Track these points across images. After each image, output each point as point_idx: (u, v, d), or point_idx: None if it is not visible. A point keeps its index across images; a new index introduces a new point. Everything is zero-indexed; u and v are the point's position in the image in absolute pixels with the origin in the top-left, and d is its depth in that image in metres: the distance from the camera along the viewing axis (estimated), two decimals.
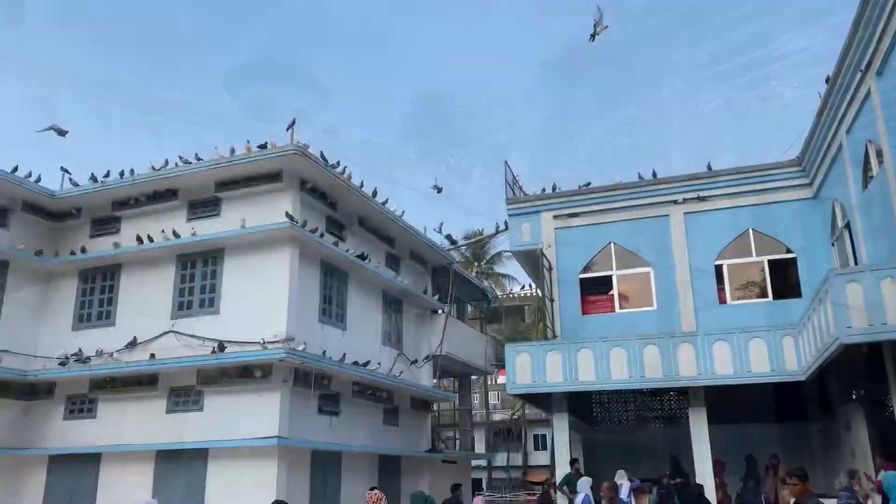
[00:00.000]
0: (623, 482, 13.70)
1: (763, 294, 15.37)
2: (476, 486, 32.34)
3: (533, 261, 17.65)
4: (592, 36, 14.16)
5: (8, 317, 15.58)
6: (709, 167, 16.22)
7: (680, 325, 15.32)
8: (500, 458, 39.85)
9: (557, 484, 14.72)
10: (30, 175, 16.10)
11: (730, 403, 14.99)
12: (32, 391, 15.57)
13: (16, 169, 15.77)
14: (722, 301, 15.46)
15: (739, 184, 15.80)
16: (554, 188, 17.67)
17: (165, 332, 14.84)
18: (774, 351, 13.06)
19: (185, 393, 14.35)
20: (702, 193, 16.01)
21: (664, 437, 17.38)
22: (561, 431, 15.07)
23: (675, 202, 16.23)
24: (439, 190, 20.65)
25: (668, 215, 16.23)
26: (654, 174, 16.60)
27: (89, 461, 14.66)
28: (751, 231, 15.53)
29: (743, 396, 14.77)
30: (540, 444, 41.47)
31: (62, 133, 15.80)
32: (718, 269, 15.64)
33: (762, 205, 15.60)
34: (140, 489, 13.82)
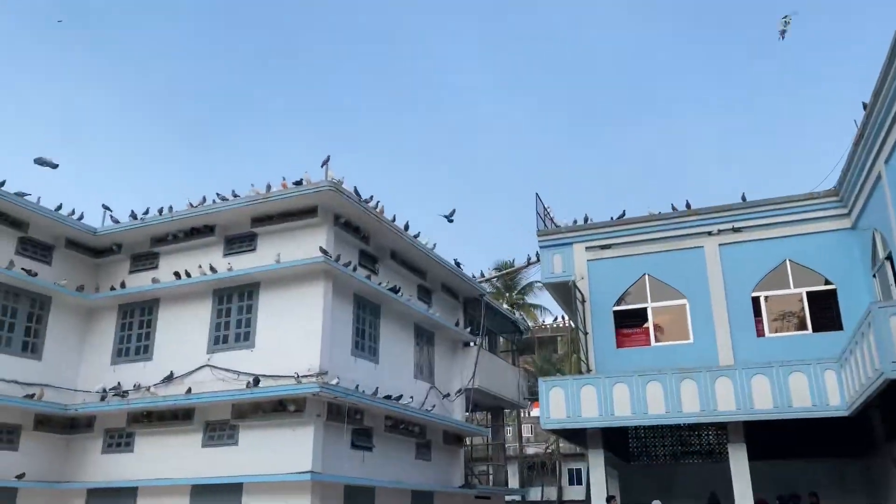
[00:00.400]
0: None
1: (802, 326, 15.07)
2: None
3: (565, 293, 17.56)
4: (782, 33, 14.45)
5: (50, 351, 15.93)
6: (743, 198, 16.08)
7: (717, 359, 15.08)
8: (535, 493, 39.21)
9: None
10: (73, 213, 16.57)
11: (770, 438, 14.64)
12: (73, 425, 15.83)
13: (59, 207, 16.26)
14: (760, 334, 15.19)
15: (775, 214, 15.62)
16: (586, 219, 17.65)
17: (201, 367, 15.01)
18: (816, 385, 12.75)
19: (221, 427, 14.46)
20: (736, 224, 15.85)
21: (703, 473, 16.98)
22: (596, 467, 14.82)
23: (709, 233, 16.09)
24: (451, 219, 19.49)
25: (702, 247, 16.08)
26: (688, 205, 16.50)
27: (126, 495, 14.78)
28: (788, 262, 15.30)
29: (784, 431, 14.42)
30: (575, 478, 40.75)
31: (54, 166, 15.74)
32: (755, 301, 15.41)
33: (799, 236, 15.38)
34: None
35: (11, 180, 15.89)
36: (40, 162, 15.45)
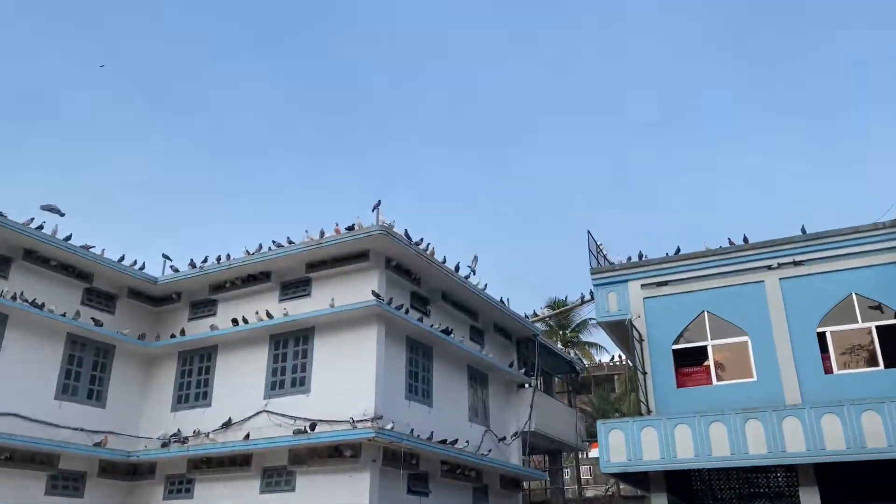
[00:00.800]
0: None
1: (873, 362, 14.39)
2: None
3: (622, 332, 17.22)
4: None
5: (113, 399, 16.37)
6: (803, 230, 15.62)
7: (783, 397, 14.48)
8: None
9: None
10: (134, 263, 17.14)
11: (845, 481, 13.90)
12: (135, 471, 16.13)
13: (122, 258, 16.85)
14: (828, 371, 14.56)
15: (838, 247, 15.07)
16: (640, 256, 17.35)
17: (259, 412, 15.17)
18: (891, 424, 12.11)
19: (278, 473, 14.52)
20: (797, 258, 15.35)
21: None
22: None
23: (769, 267, 15.61)
24: (474, 270, 18.12)
25: (762, 281, 15.59)
26: (745, 239, 16.10)
27: None
28: (854, 296, 14.70)
29: (859, 473, 13.68)
30: None
31: (60, 214, 15.79)
32: (821, 336, 14.80)
33: (864, 268, 14.78)
34: None
35: (77, 233, 16.56)
36: (47, 209, 15.64)
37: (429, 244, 16.35)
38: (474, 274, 18.00)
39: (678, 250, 16.85)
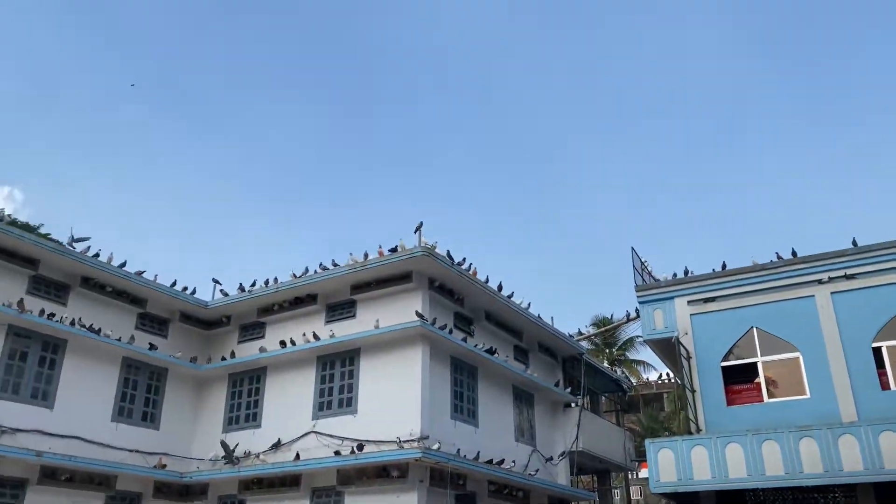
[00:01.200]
0: None
1: None
2: None
3: (668, 349, 17.00)
4: None
5: (167, 421, 16.81)
6: (854, 243, 15.27)
7: (838, 414, 14.08)
8: None
9: None
10: (185, 288, 17.64)
11: None
12: (188, 492, 16.46)
13: (174, 283, 17.35)
14: (885, 386, 14.11)
15: (891, 259, 14.69)
16: (686, 272, 17.15)
17: (307, 433, 15.39)
18: None
19: (327, 493, 14.67)
20: (849, 271, 14.99)
21: None
22: None
23: (819, 282, 15.28)
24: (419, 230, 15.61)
25: (813, 296, 15.26)
26: (794, 253, 15.81)
27: None
28: None
29: None
30: None
31: (83, 240, 15.87)
32: (877, 351, 14.39)
33: None
34: None
35: (131, 260, 17.13)
36: (76, 240, 15.81)
37: (471, 264, 16.47)
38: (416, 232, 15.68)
39: (724, 266, 16.62)
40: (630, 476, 37.32)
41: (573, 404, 20.07)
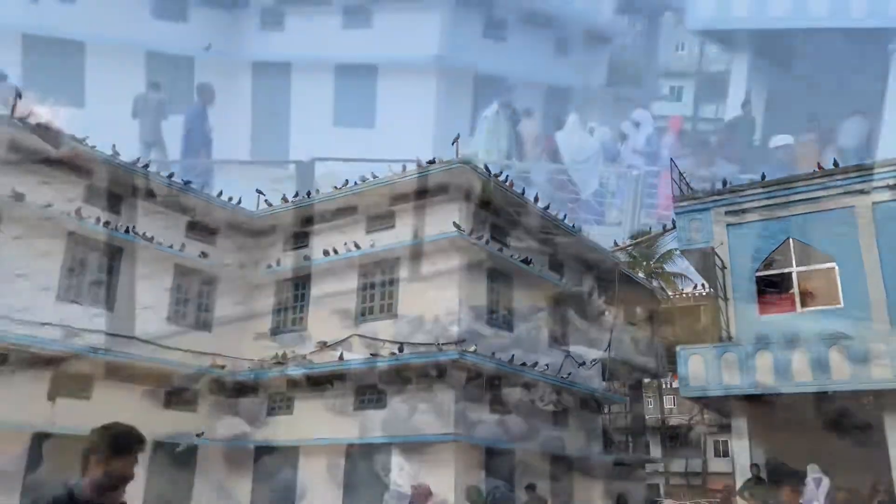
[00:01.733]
0: (818, 476, 12.95)
1: None
2: (653, 491, 31.53)
3: (704, 260, 17.12)
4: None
5: (218, 325, 17.73)
6: None
7: (871, 324, 14.22)
8: (678, 465, 38.47)
9: (738, 490, 14.22)
10: (231, 199, 18.19)
11: None
12: (241, 389, 17.52)
13: (220, 193, 17.92)
14: None
15: None
16: (724, 183, 17.04)
17: (350, 336, 16.17)
18: None
19: (370, 392, 15.53)
20: (891, 182, 14.77)
21: (857, 443, 16.12)
22: (740, 437, 14.53)
23: (861, 192, 15.08)
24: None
25: (853, 206, 15.10)
26: (836, 163, 15.56)
27: (290, 453, 16.30)
28: None
29: None
30: (721, 450, 39.50)
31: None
32: None
33: None
34: (330, 482, 15.20)
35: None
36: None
37: (507, 176, 16.61)
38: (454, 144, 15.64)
39: (763, 177, 16.47)
40: (663, 385, 38.15)
41: (606, 313, 20.48)
